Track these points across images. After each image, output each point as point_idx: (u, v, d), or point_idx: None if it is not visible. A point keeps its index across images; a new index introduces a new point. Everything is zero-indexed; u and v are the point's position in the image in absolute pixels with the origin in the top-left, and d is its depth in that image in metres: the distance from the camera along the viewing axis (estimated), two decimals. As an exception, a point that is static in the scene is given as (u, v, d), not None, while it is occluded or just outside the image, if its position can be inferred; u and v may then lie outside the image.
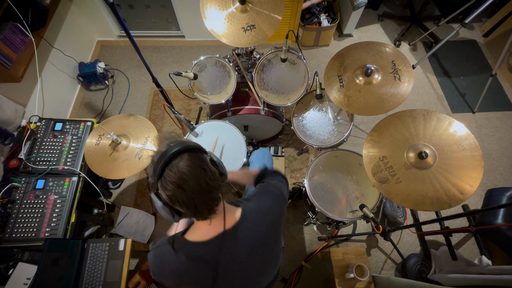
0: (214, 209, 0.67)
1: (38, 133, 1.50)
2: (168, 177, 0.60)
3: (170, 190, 0.61)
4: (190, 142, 0.67)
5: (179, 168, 0.60)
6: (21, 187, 1.36)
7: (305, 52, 2.59)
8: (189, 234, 0.73)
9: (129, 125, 1.40)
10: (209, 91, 1.60)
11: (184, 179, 0.60)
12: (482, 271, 1.38)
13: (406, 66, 1.25)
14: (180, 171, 0.60)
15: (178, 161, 0.61)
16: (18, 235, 1.28)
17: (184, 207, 0.63)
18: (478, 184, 0.94)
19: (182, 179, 0.60)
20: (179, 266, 0.70)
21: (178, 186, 0.60)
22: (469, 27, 2.71)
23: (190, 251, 0.70)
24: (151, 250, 0.76)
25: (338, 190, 1.41)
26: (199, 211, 0.65)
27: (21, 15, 1.60)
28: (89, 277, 1.26)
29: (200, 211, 0.65)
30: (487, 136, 2.18)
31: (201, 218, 0.68)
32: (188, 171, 0.60)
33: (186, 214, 0.66)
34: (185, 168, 0.60)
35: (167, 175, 0.61)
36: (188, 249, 0.71)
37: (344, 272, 1.43)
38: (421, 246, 1.82)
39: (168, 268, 0.72)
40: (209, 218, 0.68)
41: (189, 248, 0.71)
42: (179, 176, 0.60)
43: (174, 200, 0.62)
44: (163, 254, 0.73)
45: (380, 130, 1.13)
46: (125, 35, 1.49)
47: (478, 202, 1.93)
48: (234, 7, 1.34)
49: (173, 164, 0.61)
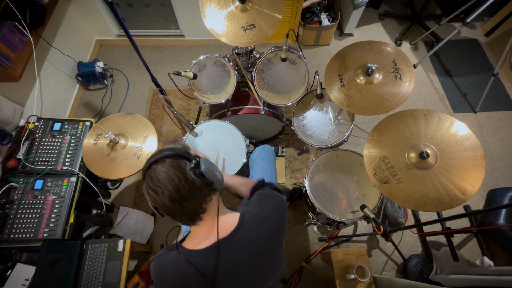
0: (198, 217, 0.68)
1: (37, 133, 1.49)
2: (147, 181, 0.64)
3: (149, 194, 0.64)
4: (179, 148, 0.67)
5: (156, 173, 0.63)
6: (19, 187, 1.36)
7: (305, 51, 2.58)
8: (186, 242, 0.74)
9: (127, 124, 1.39)
10: (208, 90, 1.59)
11: (158, 185, 0.62)
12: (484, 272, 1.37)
13: (407, 66, 1.24)
14: (155, 177, 0.62)
15: (158, 167, 0.63)
16: (17, 236, 1.28)
17: (162, 211, 0.65)
18: (479, 185, 0.94)
19: (156, 185, 0.62)
20: (179, 274, 0.70)
21: (154, 191, 0.62)
22: (471, 26, 2.70)
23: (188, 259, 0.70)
24: (152, 260, 0.76)
25: (339, 190, 1.40)
26: (177, 217, 0.66)
27: (19, 14, 1.59)
28: (88, 278, 1.25)
29: (177, 217, 0.66)
30: (489, 136, 2.17)
31: (184, 223, 0.69)
32: (162, 177, 0.62)
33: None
34: (161, 174, 0.62)
35: (147, 179, 0.64)
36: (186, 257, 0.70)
37: (344, 273, 1.42)
38: (422, 247, 1.81)
39: (168, 278, 0.71)
40: (192, 225, 0.69)
41: (187, 256, 0.70)
42: (155, 182, 0.62)
43: (155, 203, 0.64)
44: (163, 264, 0.73)
45: (381, 130, 1.13)
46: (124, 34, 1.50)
47: (480, 203, 1.91)
48: (234, 6, 1.33)
49: (152, 169, 0.64)
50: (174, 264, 0.71)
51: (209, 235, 0.70)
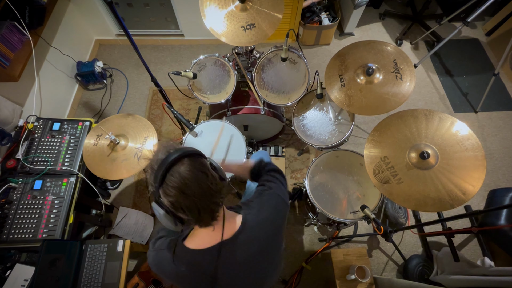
0: (216, 215, 0.67)
1: (36, 133, 1.48)
2: (170, 182, 0.60)
3: (172, 196, 0.60)
4: (189, 148, 0.67)
5: (180, 173, 0.60)
6: (18, 187, 1.35)
7: (305, 51, 2.57)
8: (188, 241, 0.73)
9: (128, 125, 1.39)
10: (208, 90, 1.59)
11: (186, 183, 0.60)
12: (485, 272, 1.37)
13: (407, 65, 1.24)
14: (181, 176, 0.60)
15: (179, 166, 0.61)
16: (16, 236, 1.27)
17: (187, 212, 0.62)
18: (480, 185, 0.94)
19: (184, 184, 0.60)
20: (178, 273, 0.70)
21: (181, 191, 0.60)
22: (472, 26, 2.69)
23: (188, 259, 0.70)
24: (152, 251, 0.76)
25: (339, 190, 1.39)
26: (202, 216, 0.64)
27: (18, 14, 1.59)
28: (87, 279, 1.25)
29: (203, 216, 0.64)
30: (490, 136, 2.17)
31: (204, 224, 0.67)
32: (189, 175, 0.60)
33: (189, 221, 0.65)
34: (186, 172, 0.60)
35: (169, 181, 0.60)
36: (186, 256, 0.70)
37: (345, 274, 1.42)
38: (423, 247, 1.81)
39: (167, 273, 0.72)
40: (212, 225, 0.67)
41: (188, 255, 0.70)
42: (181, 180, 0.60)
43: (177, 206, 0.61)
44: (163, 260, 0.73)
45: (381, 130, 1.13)
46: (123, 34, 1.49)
47: (481, 203, 1.91)
48: (234, 6, 1.33)
49: (174, 169, 0.61)
50: (173, 262, 0.70)
51: (212, 236, 0.70)
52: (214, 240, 0.70)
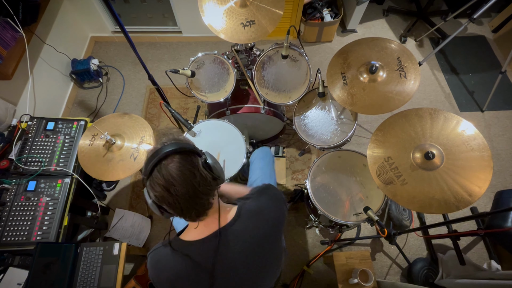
0: (204, 212, 0.67)
1: (29, 133, 1.46)
2: (156, 178, 0.60)
3: (157, 191, 0.61)
4: (186, 142, 0.66)
5: (168, 170, 0.60)
6: (11, 188, 1.34)
7: (307, 48, 2.54)
8: (184, 234, 0.74)
9: (124, 125, 1.37)
10: (207, 89, 1.56)
11: (172, 182, 0.59)
12: (491, 276, 1.37)
13: (412, 63, 1.22)
14: (168, 174, 0.60)
15: (168, 163, 0.60)
16: (9, 239, 1.25)
17: (170, 209, 0.63)
18: (487, 186, 0.92)
19: (170, 182, 0.59)
20: (176, 266, 0.70)
21: (165, 188, 0.60)
22: (478, 23, 2.66)
23: (185, 250, 0.70)
24: (149, 255, 0.76)
25: (342, 192, 1.37)
26: (186, 214, 0.65)
27: (11, 10, 1.57)
28: (83, 283, 1.24)
29: (187, 214, 0.65)
30: (497, 136, 2.14)
31: (189, 220, 0.68)
32: (176, 174, 0.60)
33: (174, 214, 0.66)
34: (174, 171, 0.60)
35: (155, 177, 0.60)
36: (183, 248, 0.71)
37: (347, 277, 1.41)
38: (428, 250, 1.79)
39: (166, 270, 0.71)
40: (198, 220, 0.68)
41: (185, 247, 0.71)
42: (167, 179, 0.59)
43: (161, 201, 0.62)
44: (160, 256, 0.73)
45: (385, 130, 1.11)
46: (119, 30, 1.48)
47: (487, 205, 1.89)
48: (233, 2, 1.31)
49: (162, 165, 0.60)
50: (171, 256, 0.71)
51: (207, 227, 0.71)
52: (210, 230, 0.70)
